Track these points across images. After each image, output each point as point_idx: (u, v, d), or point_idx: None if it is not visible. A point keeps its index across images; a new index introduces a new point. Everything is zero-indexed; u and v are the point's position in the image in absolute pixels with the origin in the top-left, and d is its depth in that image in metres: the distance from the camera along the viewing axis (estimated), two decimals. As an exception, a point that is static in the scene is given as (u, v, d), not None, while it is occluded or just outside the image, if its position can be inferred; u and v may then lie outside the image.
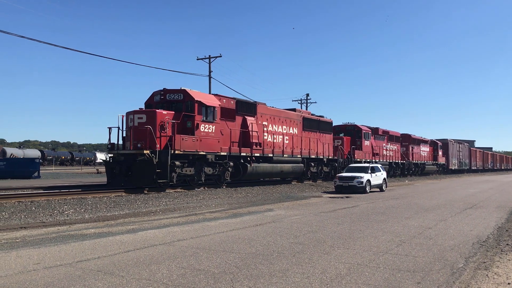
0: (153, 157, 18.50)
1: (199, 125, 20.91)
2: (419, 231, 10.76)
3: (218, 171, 22.70)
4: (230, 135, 23.25)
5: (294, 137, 29.41)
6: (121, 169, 19.47)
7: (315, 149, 31.75)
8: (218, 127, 22.33)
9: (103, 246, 8.46)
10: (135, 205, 15.60)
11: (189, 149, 20.22)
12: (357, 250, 8.19)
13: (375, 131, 41.89)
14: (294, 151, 29.21)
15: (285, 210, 15.27)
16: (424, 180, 45.33)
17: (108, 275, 6.23)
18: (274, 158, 26.87)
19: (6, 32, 32.74)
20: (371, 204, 18.05)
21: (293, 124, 29.73)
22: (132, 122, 19.65)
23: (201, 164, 21.42)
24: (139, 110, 19.88)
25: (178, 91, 21.23)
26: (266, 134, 26.53)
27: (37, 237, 9.52)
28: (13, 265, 6.89)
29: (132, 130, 19.45)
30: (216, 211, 14.94)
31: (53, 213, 13.07)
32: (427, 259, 7.54)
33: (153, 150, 18.70)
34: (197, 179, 21.38)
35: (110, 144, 20.53)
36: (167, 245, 8.57)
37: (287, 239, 9.39)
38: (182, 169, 20.18)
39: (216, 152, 22.06)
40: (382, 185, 26.96)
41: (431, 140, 58.67)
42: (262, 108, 26.66)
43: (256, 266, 6.86)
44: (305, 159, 30.41)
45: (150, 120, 19.25)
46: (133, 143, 19.32)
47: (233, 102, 24.12)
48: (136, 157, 18.83)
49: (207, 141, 21.35)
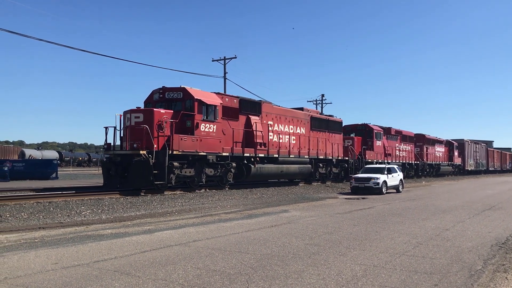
0: (150, 158, 17.89)
1: (199, 125, 20.17)
2: (436, 232, 10.65)
3: (220, 172, 21.96)
4: (232, 135, 22.51)
5: (301, 137, 28.52)
6: (117, 170, 18.95)
7: (323, 150, 30.84)
8: (220, 126, 21.55)
9: (119, 247, 8.53)
10: (151, 205, 15.70)
11: (188, 149, 19.52)
12: (373, 252, 8.13)
13: (387, 131, 41.04)
14: (301, 152, 28.35)
15: (301, 211, 15.22)
16: (441, 181, 44.82)
17: (125, 275, 6.29)
18: (280, 158, 26.05)
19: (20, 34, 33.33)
20: (387, 205, 17.91)
21: (301, 123, 28.85)
22: (129, 122, 19.05)
23: (202, 165, 20.69)
24: (136, 109, 19.23)
25: (177, 89, 20.49)
26: (272, 134, 25.77)
27: (55, 237, 9.65)
28: (32, 264, 6.99)
29: (128, 129, 18.93)
30: (231, 212, 14.96)
31: (70, 214, 13.23)
32: (445, 261, 7.45)
33: (150, 151, 18.10)
34: (198, 180, 20.64)
35: (106, 145, 19.94)
36: (183, 246, 8.61)
37: (303, 240, 9.36)
38: (181, 170, 19.48)
39: (218, 152, 21.33)
40: (399, 186, 26.73)
41: (446, 140, 57.49)
42: (268, 107, 25.96)
43: (272, 267, 6.86)
44: (313, 159, 29.47)
45: (147, 119, 18.63)
46: (129, 143, 18.82)
47: (236, 101, 23.38)
48: (132, 158, 18.28)
49: (207, 141, 20.61)
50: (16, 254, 7.80)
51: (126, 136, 19.07)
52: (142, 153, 17.94)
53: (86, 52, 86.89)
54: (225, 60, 43.64)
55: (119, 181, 19.05)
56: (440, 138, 54.96)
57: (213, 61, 44.59)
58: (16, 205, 13.98)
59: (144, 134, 18.21)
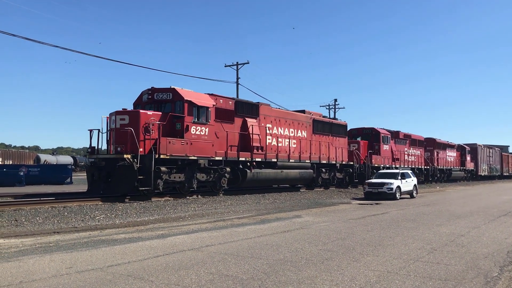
0: (134, 162, 16.96)
1: (190, 127, 19.13)
2: (451, 238, 10.53)
3: (213, 177, 20.81)
4: (226, 138, 21.40)
5: (302, 141, 27.30)
6: (100, 175, 17.94)
7: (326, 154, 29.55)
8: (212, 129, 20.48)
9: (133, 251, 8.58)
10: (164, 210, 15.78)
11: (177, 153, 18.50)
12: (387, 258, 8.06)
13: (395, 135, 39.69)
14: (302, 156, 27.08)
15: (314, 217, 15.17)
16: (455, 186, 44.34)
17: (138, 280, 6.32)
18: (279, 163, 24.83)
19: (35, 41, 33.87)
20: (401, 210, 17.76)
21: (302, 126, 27.65)
22: (114, 124, 18.13)
23: (193, 170, 19.62)
24: (121, 111, 18.24)
25: (166, 90, 19.60)
26: (270, 137, 24.60)
27: (70, 242, 9.74)
28: (47, 268, 7.06)
29: (113, 132, 18.10)
30: (244, 217, 14.96)
31: (84, 218, 13.35)
32: (460, 267, 7.36)
33: (136, 155, 17.16)
34: (188, 186, 19.57)
35: (90, 148, 18.77)
36: (195, 251, 8.63)
37: (316, 245, 9.32)
38: (170, 176, 18.49)
39: (210, 156, 20.20)
40: (413, 191, 26.50)
41: (458, 144, 56.09)
42: (266, 109, 24.90)
43: (284, 272, 6.84)
44: (315, 164, 28.22)
45: (133, 121, 17.70)
46: (114, 147, 17.95)
47: (231, 102, 22.34)
48: (117, 162, 17.26)
49: (198, 144, 19.52)
50: (32, 258, 7.89)
51: (110, 139, 18.33)
52: (126, 157, 16.95)
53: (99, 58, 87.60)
54: (238, 65, 43.80)
55: (102, 187, 18.07)
56: (451, 143, 53.75)
57: (225, 67, 44.81)
58: (32, 210, 14.14)
59: (129, 137, 17.29)
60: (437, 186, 42.03)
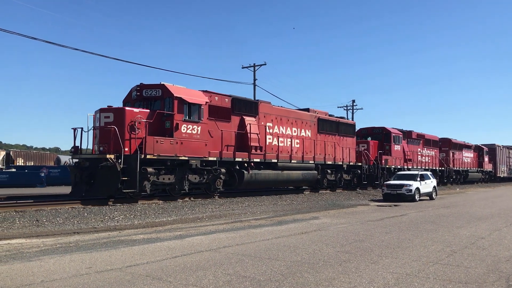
0: (118, 163, 16.06)
1: (180, 126, 18.14)
2: (471, 241, 10.37)
3: (207, 179, 19.76)
4: (221, 138, 20.37)
5: (306, 141, 26.17)
6: (82, 176, 16.98)
7: (332, 154, 28.35)
8: (205, 128, 19.42)
9: (151, 252, 8.65)
10: (182, 211, 15.88)
11: (166, 153, 17.53)
12: (406, 260, 7.98)
13: (407, 135, 38.54)
14: (306, 157, 25.91)
15: (331, 218, 15.10)
16: (475, 188, 43.67)
17: (156, 280, 6.37)
18: (280, 164, 23.67)
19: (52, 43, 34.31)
20: (420, 212, 17.56)
21: (305, 125, 26.48)
22: (98, 122, 17.25)
23: (184, 171, 18.64)
24: (106, 108, 17.36)
25: (155, 86, 18.68)
26: (271, 136, 23.50)
27: (89, 242, 9.86)
28: (67, 268, 7.16)
29: (97, 131, 17.26)
30: (261, 218, 14.97)
31: (104, 219, 13.51)
32: (480, 270, 7.24)
33: (120, 155, 16.30)
34: (179, 188, 18.64)
35: (73, 148, 17.90)
36: (213, 252, 8.67)
37: (333, 247, 9.28)
38: (158, 177, 17.55)
39: (202, 157, 19.16)
40: (432, 193, 26.20)
41: (475, 145, 54.42)
42: (266, 108, 23.78)
43: (302, 274, 6.82)
44: (320, 165, 27.05)
45: (117, 119, 16.85)
46: (97, 146, 17.17)
47: (228, 100, 21.25)
48: (100, 163, 16.40)
49: (190, 144, 18.51)
50: (52, 258, 8.01)
51: (94, 138, 17.57)
52: (109, 157, 16.10)
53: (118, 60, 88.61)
54: (255, 67, 43.89)
55: (84, 189, 17.03)
56: (468, 143, 52.23)
57: (243, 68, 44.96)
58: (52, 210, 14.38)
59: (112, 135, 16.45)
60: (457, 188, 41.43)
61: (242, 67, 44.86)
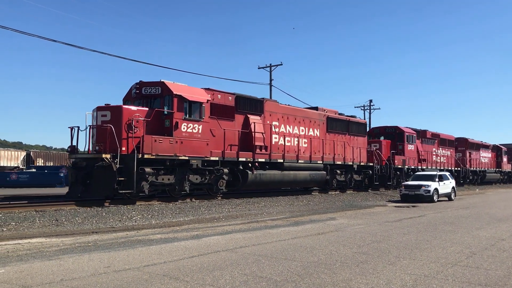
0: (114, 163, 15.66)
1: (179, 124, 17.59)
2: (491, 242, 10.21)
3: (209, 179, 19.20)
4: (224, 137, 19.75)
5: (314, 140, 25.39)
6: (77, 176, 16.54)
7: (342, 154, 27.41)
8: (207, 126, 18.84)
9: (168, 251, 8.71)
10: (199, 211, 15.96)
11: (165, 152, 17.01)
12: (424, 261, 7.90)
13: (422, 134, 37.64)
14: (314, 156, 25.13)
15: (348, 219, 15.01)
16: (495, 188, 43.02)
17: (173, 280, 6.41)
18: (286, 164, 22.91)
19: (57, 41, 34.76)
20: (439, 213, 17.36)
21: (314, 124, 25.73)
22: (95, 121, 16.84)
23: (184, 171, 18.08)
24: (103, 106, 16.92)
25: (155, 83, 18.15)
26: (276, 135, 22.81)
27: (107, 242, 9.97)
28: (85, 267, 7.26)
29: (94, 130, 16.89)
30: (278, 218, 14.96)
31: (122, 219, 13.65)
32: (501, 272, 7.13)
33: (116, 154, 15.88)
34: (179, 189, 18.11)
35: (70, 147, 17.51)
36: (229, 252, 8.69)
37: (350, 248, 9.22)
38: (157, 177, 17.06)
39: (204, 156, 18.56)
40: (451, 194, 25.89)
41: (493, 145, 53.26)
42: (272, 106, 23.10)
43: (319, 275, 6.80)
44: (329, 165, 26.20)
45: (114, 118, 16.40)
46: (94, 146, 16.74)
47: (231, 98, 20.57)
48: (96, 162, 16.00)
49: (190, 143, 17.95)
50: (71, 257, 8.12)
51: (90, 137, 17.03)
52: (105, 157, 15.62)
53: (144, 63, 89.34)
54: (271, 67, 43.87)
55: (80, 190, 16.60)
56: (485, 143, 51.07)
57: (259, 69, 45.00)
58: (71, 210, 14.59)
59: (108, 134, 15.98)
60: (476, 189, 40.84)
61: (258, 67, 44.91)
